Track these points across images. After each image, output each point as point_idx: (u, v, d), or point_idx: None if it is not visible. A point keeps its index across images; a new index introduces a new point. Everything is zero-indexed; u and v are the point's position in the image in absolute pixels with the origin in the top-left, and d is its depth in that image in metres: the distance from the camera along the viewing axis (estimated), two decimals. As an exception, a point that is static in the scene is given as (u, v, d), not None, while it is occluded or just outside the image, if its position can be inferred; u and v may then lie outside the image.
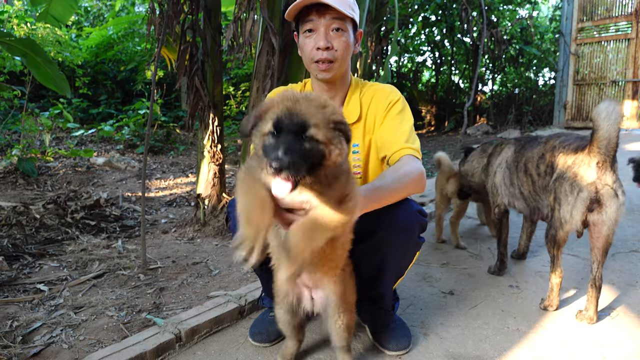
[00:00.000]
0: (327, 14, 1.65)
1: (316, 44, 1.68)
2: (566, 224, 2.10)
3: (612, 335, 1.97)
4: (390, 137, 1.72)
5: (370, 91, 1.84)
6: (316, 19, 1.67)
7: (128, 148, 7.09)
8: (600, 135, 1.98)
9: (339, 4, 1.63)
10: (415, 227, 1.67)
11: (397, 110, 1.78)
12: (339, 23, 1.66)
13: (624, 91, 9.65)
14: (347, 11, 1.64)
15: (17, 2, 6.41)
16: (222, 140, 3.41)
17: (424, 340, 1.93)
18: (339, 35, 1.68)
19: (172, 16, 3.04)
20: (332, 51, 1.68)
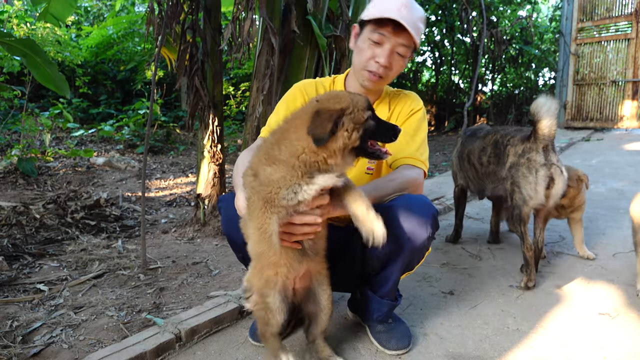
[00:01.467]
0: (400, 36, 1.70)
1: (376, 57, 1.73)
2: (531, 200, 2.43)
3: (612, 335, 1.97)
4: (403, 143, 1.79)
5: (397, 96, 1.94)
6: (388, 36, 1.70)
7: (128, 148, 7.09)
8: (543, 125, 2.34)
9: (415, 31, 1.68)
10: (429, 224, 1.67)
11: (416, 119, 1.88)
12: (405, 49, 1.73)
13: (624, 91, 9.65)
14: (417, 39, 1.70)
15: (17, 2, 6.41)
16: (222, 140, 3.41)
17: (424, 340, 1.93)
18: (400, 59, 1.75)
19: (171, 16, 3.04)
20: (387, 70, 1.75)
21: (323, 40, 3.08)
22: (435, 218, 1.69)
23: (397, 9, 1.66)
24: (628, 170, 5.66)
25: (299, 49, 3.10)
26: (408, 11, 1.67)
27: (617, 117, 9.81)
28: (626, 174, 5.45)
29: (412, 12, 1.69)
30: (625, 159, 6.37)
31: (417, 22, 1.71)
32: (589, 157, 6.61)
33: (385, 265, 1.77)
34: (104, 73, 9.41)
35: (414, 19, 1.69)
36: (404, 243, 1.66)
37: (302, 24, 3.02)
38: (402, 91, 1.98)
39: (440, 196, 4.50)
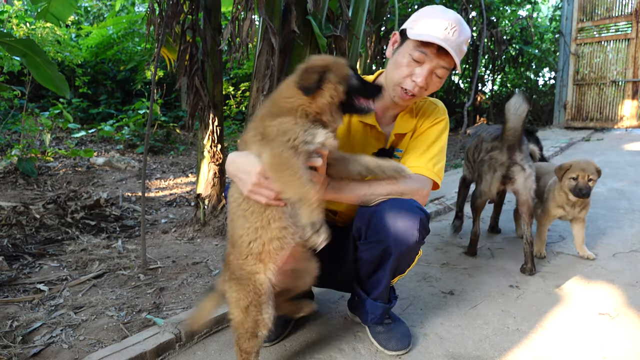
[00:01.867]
0: (443, 59, 1.66)
1: (414, 75, 1.68)
2: (484, 195, 2.82)
3: (612, 335, 1.97)
4: (418, 151, 1.80)
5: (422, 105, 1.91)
6: (431, 56, 1.65)
7: (128, 148, 7.09)
8: (509, 126, 2.57)
9: (458, 55, 1.65)
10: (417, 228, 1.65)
11: (437, 130, 1.85)
12: (444, 71, 1.70)
13: (624, 91, 9.65)
14: (458, 61, 1.66)
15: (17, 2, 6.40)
16: (222, 140, 3.41)
17: (424, 340, 1.93)
18: (437, 80, 1.72)
19: (171, 16, 3.03)
20: (423, 90, 1.73)
21: (323, 40, 3.07)
22: (424, 222, 1.64)
23: (445, 31, 1.62)
24: (628, 170, 5.66)
25: (299, 49, 3.09)
26: (456, 34, 1.63)
27: (617, 117, 9.81)
28: (626, 174, 5.45)
29: (460, 35, 1.64)
30: (625, 159, 6.37)
31: (462, 45, 1.67)
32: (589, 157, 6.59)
33: (376, 269, 1.76)
34: (104, 73, 9.40)
35: (460, 42, 1.65)
36: (390, 248, 1.64)
37: (302, 24, 3.02)
38: (427, 99, 1.94)
39: (440, 196, 4.50)
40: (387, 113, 1.90)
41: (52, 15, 3.11)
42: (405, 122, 1.89)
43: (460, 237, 3.40)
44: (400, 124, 1.88)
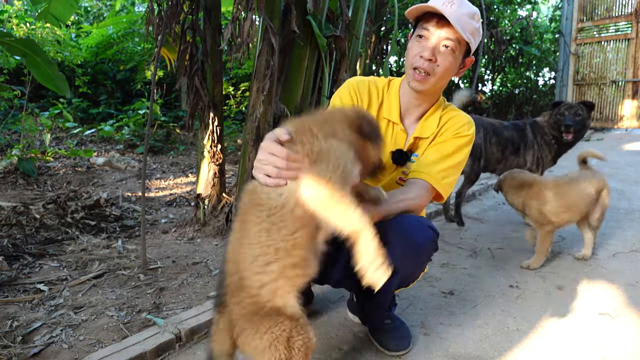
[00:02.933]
0: (445, 29, 1.61)
1: (421, 52, 1.65)
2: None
3: (612, 335, 1.97)
4: (432, 159, 1.73)
5: (450, 114, 1.83)
6: (433, 29, 1.63)
7: (128, 148, 7.09)
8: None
9: (460, 24, 1.60)
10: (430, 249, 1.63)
11: (458, 143, 1.77)
12: (452, 43, 1.62)
13: (624, 91, 9.66)
14: (464, 34, 1.61)
15: (17, 2, 6.40)
16: (222, 140, 3.41)
17: (424, 340, 1.94)
18: (447, 54, 1.64)
19: (171, 16, 3.03)
20: (433, 64, 1.64)
21: (323, 40, 3.08)
22: (434, 242, 1.62)
23: (443, 5, 1.61)
24: (628, 170, 5.66)
25: (299, 49, 3.09)
26: (454, 7, 1.60)
27: (617, 117, 9.81)
28: (626, 174, 5.45)
29: (460, 7, 1.61)
30: (625, 159, 6.37)
31: (464, 17, 1.60)
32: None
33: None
34: (104, 73, 9.40)
35: (461, 13, 1.61)
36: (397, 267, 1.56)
37: (302, 24, 3.02)
38: (458, 111, 1.86)
39: (440, 196, 4.49)
40: (411, 108, 1.82)
41: (53, 15, 3.11)
42: (428, 126, 1.81)
43: (461, 238, 3.40)
44: (422, 126, 1.81)
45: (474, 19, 1.65)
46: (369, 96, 1.85)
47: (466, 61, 1.74)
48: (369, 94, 1.85)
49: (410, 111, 1.83)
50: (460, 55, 1.67)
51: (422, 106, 1.82)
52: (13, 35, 2.85)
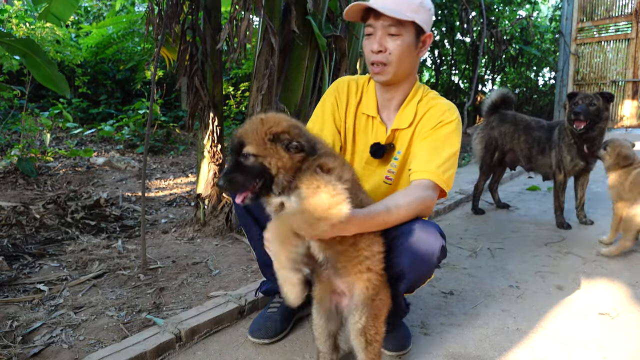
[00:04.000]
0: (382, 18, 1.65)
1: (371, 47, 1.69)
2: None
3: (612, 335, 1.97)
4: (425, 156, 1.69)
5: (430, 103, 1.81)
6: (373, 22, 1.68)
7: (128, 148, 7.09)
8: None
9: (393, 9, 1.61)
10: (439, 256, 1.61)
11: (444, 132, 1.73)
12: (394, 29, 1.65)
13: (624, 91, 9.66)
14: (403, 15, 1.62)
15: (17, 1, 6.40)
16: (222, 140, 3.41)
17: (424, 340, 1.93)
18: (395, 39, 1.66)
19: (171, 16, 3.03)
20: (385, 54, 1.68)
21: (323, 40, 3.07)
22: (443, 249, 1.59)
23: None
24: (628, 170, 5.65)
25: (299, 49, 3.09)
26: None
27: (617, 116, 9.81)
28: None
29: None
30: (625, 159, 6.37)
31: (397, 4, 1.63)
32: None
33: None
34: (104, 73, 9.39)
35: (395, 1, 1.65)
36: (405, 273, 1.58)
37: (302, 24, 3.02)
38: (438, 97, 1.84)
39: (440, 196, 4.50)
40: (386, 102, 1.84)
41: (53, 15, 3.11)
42: (406, 116, 1.80)
43: (461, 238, 3.40)
44: (399, 117, 1.81)
45: (418, 3, 1.67)
46: (347, 95, 1.90)
47: (423, 39, 1.74)
48: (348, 92, 1.90)
49: (386, 104, 1.86)
50: (409, 35, 1.68)
51: (395, 98, 1.83)
52: (13, 35, 2.85)
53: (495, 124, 4.00)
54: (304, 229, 1.29)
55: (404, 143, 1.81)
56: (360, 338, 1.48)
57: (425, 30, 1.71)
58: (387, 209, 1.49)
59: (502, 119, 3.98)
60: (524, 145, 3.84)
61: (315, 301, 1.60)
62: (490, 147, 4.01)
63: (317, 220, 1.24)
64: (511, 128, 3.90)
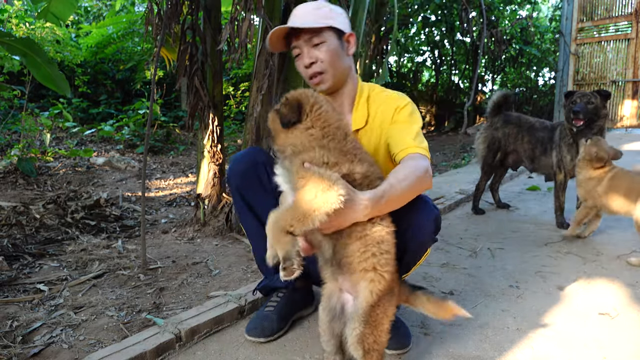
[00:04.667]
0: (302, 35, 1.74)
1: (304, 64, 1.76)
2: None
3: (612, 335, 1.97)
4: (399, 136, 1.76)
5: (379, 97, 1.87)
6: (296, 42, 1.77)
7: (128, 148, 7.09)
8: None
9: (308, 21, 1.70)
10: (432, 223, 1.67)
11: (406, 113, 1.81)
12: (316, 38, 1.73)
13: (624, 91, 9.66)
14: (318, 24, 1.70)
15: (17, 1, 6.40)
16: (222, 140, 3.41)
17: (424, 340, 1.94)
18: (320, 47, 1.74)
19: (170, 16, 3.03)
20: (319, 64, 1.75)
21: (323, 40, 3.07)
22: (438, 219, 1.67)
23: (289, 22, 1.77)
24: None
25: (299, 49, 3.09)
26: (299, 13, 1.76)
27: (617, 117, 9.81)
28: (626, 174, 5.44)
29: (304, 8, 1.76)
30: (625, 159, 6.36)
31: (309, 14, 1.73)
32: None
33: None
34: (104, 73, 9.40)
35: (305, 13, 1.75)
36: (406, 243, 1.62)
37: (302, 24, 3.01)
38: (387, 91, 1.90)
39: (440, 196, 4.50)
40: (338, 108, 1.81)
41: (53, 14, 3.11)
42: (359, 116, 1.85)
43: (461, 238, 3.40)
44: (355, 119, 1.87)
45: (320, 6, 1.77)
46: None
47: (346, 38, 1.81)
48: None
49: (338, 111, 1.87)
50: (332, 39, 1.75)
51: (344, 102, 1.88)
52: (13, 35, 2.85)
53: (499, 124, 4.01)
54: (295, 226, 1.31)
55: (364, 141, 1.84)
56: (357, 345, 1.45)
57: (344, 30, 1.80)
58: (389, 185, 1.48)
59: (507, 120, 3.99)
60: (527, 146, 3.85)
61: (323, 298, 1.61)
62: (493, 147, 4.02)
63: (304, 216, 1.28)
64: (515, 129, 3.92)
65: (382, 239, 1.45)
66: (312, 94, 1.51)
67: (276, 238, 1.33)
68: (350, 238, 1.43)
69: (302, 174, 1.34)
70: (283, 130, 1.46)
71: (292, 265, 1.32)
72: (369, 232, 1.43)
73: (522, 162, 4.03)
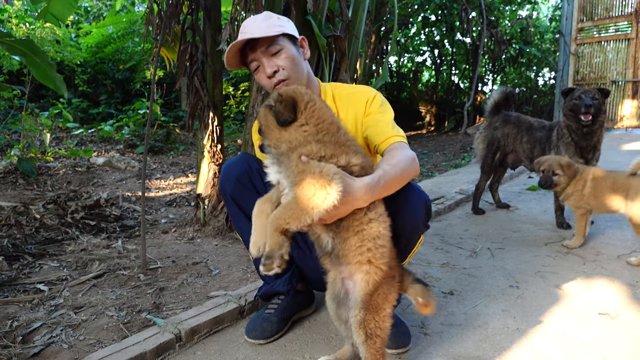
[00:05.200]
0: (258, 46, 1.74)
1: (266, 75, 1.76)
2: None
3: (612, 335, 1.97)
4: (377, 128, 1.79)
5: (346, 94, 1.90)
6: (254, 55, 1.76)
7: (128, 148, 7.09)
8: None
9: (263, 30, 1.70)
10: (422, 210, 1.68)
11: (377, 105, 1.84)
12: (273, 47, 1.74)
13: (624, 91, 9.65)
14: (272, 32, 1.71)
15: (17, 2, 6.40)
16: (222, 140, 3.41)
17: (424, 340, 1.93)
18: (278, 54, 1.75)
19: (170, 16, 3.03)
20: (281, 72, 1.75)
21: (323, 40, 3.07)
22: (428, 205, 1.70)
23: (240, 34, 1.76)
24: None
25: (299, 49, 3.09)
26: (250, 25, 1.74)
27: (617, 117, 9.81)
28: (626, 174, 5.44)
29: (254, 22, 1.75)
30: (625, 159, 6.36)
31: (262, 27, 1.72)
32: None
33: None
34: (104, 73, 9.40)
35: (258, 26, 1.73)
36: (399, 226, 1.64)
37: (302, 24, 3.02)
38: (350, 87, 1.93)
39: (440, 196, 4.50)
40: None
41: (52, 15, 3.11)
42: None
43: (461, 238, 3.40)
44: None
45: (268, 16, 1.78)
46: None
47: (299, 43, 1.84)
48: None
49: None
50: (288, 45, 1.77)
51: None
52: (13, 35, 2.85)
53: (498, 124, 4.01)
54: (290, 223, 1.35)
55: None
56: (360, 331, 1.48)
57: (296, 36, 1.83)
58: (384, 170, 1.54)
59: (506, 120, 3.99)
60: (526, 146, 3.86)
61: (327, 285, 1.63)
62: (492, 147, 4.02)
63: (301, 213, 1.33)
64: (514, 129, 3.92)
65: (379, 234, 1.48)
66: (305, 91, 1.52)
67: (269, 234, 1.37)
68: (348, 232, 1.47)
69: (301, 168, 1.36)
70: (277, 127, 1.47)
71: (272, 264, 1.36)
72: (366, 228, 1.47)
73: (522, 161, 4.03)
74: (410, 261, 2.84)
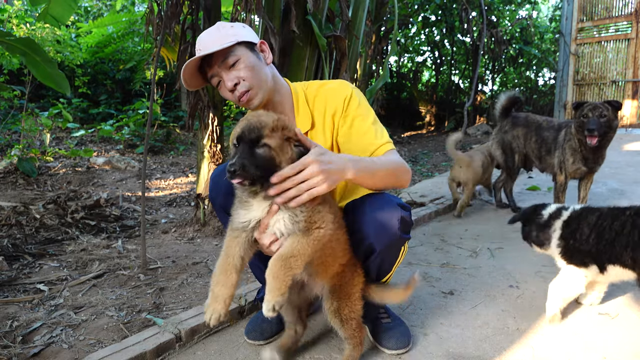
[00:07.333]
0: (214, 60, 1.66)
1: (227, 88, 1.68)
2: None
3: (612, 335, 1.97)
4: (363, 139, 1.74)
5: (320, 93, 1.82)
6: (211, 71, 1.68)
7: (128, 148, 7.09)
8: None
9: (216, 43, 1.63)
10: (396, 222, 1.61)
11: (355, 104, 1.77)
12: (229, 59, 1.65)
13: (624, 91, 9.66)
14: (226, 43, 1.63)
15: (17, 2, 6.40)
16: (222, 140, 3.41)
17: (424, 340, 1.93)
18: (237, 66, 1.66)
19: (171, 16, 3.03)
20: (242, 83, 1.66)
21: (323, 40, 3.08)
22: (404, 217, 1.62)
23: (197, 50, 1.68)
24: (628, 170, 5.66)
25: (299, 49, 3.10)
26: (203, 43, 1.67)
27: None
28: (626, 174, 5.45)
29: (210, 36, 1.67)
30: (625, 159, 6.37)
31: (215, 40, 1.64)
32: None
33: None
34: (104, 73, 9.40)
35: (212, 40, 1.65)
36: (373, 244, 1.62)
37: (302, 24, 3.02)
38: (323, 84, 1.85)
39: (440, 196, 4.50)
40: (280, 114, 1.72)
41: (52, 16, 3.11)
42: (303, 118, 1.80)
43: (461, 238, 3.40)
44: (300, 123, 1.80)
45: (221, 27, 1.70)
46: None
47: (259, 48, 1.75)
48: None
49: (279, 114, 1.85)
50: (245, 53, 1.68)
51: (285, 109, 1.81)
52: (13, 35, 2.85)
53: (507, 127, 4.02)
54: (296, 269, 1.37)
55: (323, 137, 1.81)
56: (335, 319, 1.63)
57: (254, 41, 1.73)
58: (371, 160, 1.57)
59: (515, 122, 3.99)
60: (535, 146, 3.86)
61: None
62: (508, 150, 4.05)
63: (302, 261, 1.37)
64: (523, 131, 3.93)
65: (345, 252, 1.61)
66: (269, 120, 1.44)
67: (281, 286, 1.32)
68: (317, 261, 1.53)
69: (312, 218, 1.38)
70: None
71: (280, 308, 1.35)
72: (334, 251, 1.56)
73: (532, 162, 4.03)
74: (410, 261, 2.86)
